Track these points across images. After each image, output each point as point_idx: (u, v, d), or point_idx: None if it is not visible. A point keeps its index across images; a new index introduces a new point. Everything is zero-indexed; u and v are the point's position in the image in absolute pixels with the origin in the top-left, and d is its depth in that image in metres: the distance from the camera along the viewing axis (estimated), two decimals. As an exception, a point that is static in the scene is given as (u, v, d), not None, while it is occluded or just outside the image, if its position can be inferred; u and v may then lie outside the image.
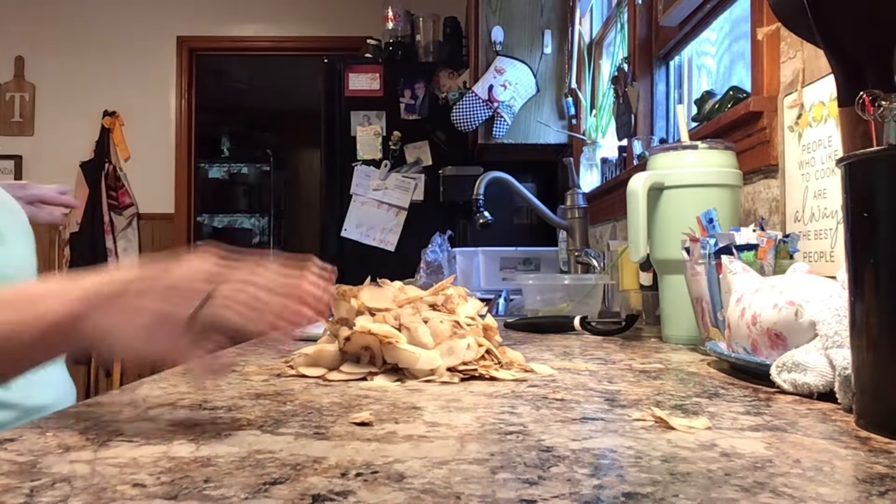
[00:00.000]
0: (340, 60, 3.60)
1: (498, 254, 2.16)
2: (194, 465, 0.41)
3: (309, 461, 0.41)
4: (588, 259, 1.79)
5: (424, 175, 3.52)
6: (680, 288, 1.02)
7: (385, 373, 0.72)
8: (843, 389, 0.56)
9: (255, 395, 0.63)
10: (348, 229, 3.51)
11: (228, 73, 6.02)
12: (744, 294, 0.77)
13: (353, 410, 0.56)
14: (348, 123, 3.54)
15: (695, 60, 2.06)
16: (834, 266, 1.00)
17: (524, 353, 0.90)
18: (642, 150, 1.97)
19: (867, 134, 0.52)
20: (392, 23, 3.74)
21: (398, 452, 0.44)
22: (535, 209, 2.03)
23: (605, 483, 0.38)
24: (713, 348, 0.82)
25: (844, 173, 0.51)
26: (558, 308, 1.43)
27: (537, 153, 3.21)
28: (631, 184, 1.08)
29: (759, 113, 1.24)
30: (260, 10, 4.65)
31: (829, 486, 0.38)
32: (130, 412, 0.55)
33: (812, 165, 1.09)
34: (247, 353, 0.93)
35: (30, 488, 0.36)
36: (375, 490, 0.36)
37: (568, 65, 2.98)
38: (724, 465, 0.41)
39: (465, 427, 0.51)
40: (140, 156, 4.47)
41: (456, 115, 2.95)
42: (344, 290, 0.79)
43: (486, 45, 3.03)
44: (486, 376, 0.73)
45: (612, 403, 0.60)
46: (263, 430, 0.49)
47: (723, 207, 1.04)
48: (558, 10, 3.04)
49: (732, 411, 0.56)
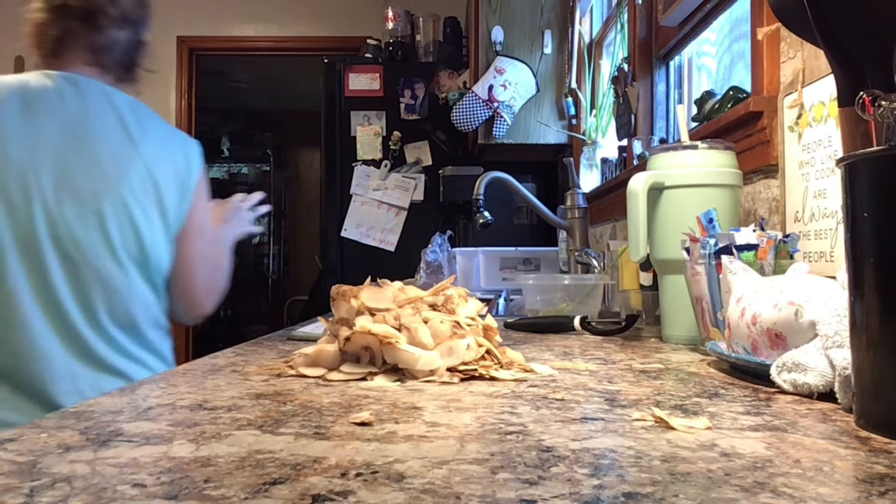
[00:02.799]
0: (340, 60, 3.61)
1: (498, 254, 2.16)
2: (194, 465, 0.41)
3: (309, 461, 0.41)
4: (588, 259, 1.79)
5: (424, 175, 3.52)
6: (680, 288, 1.02)
7: (385, 373, 0.72)
8: (843, 389, 0.56)
9: (255, 395, 0.63)
10: (348, 229, 3.51)
11: (228, 73, 6.03)
12: (744, 294, 0.77)
13: (353, 410, 0.56)
14: (348, 123, 3.54)
15: (695, 60, 2.06)
16: (834, 266, 1.00)
17: (524, 353, 0.90)
18: (642, 150, 1.98)
19: (867, 134, 0.52)
20: (392, 23, 3.74)
21: (398, 452, 0.44)
22: (535, 209, 2.03)
23: (605, 483, 0.38)
24: (713, 348, 0.82)
25: (844, 173, 0.51)
26: (558, 308, 1.43)
27: (537, 153, 3.22)
28: (631, 184, 1.08)
29: (759, 113, 1.24)
30: (260, 10, 4.65)
31: (829, 486, 0.38)
32: (130, 412, 0.55)
33: (812, 165, 1.10)
34: (247, 353, 0.93)
35: (30, 488, 0.36)
36: (375, 490, 0.36)
37: (568, 65, 2.99)
38: (724, 465, 0.41)
39: (465, 427, 0.51)
40: (140, 156, 4.46)
41: (456, 115, 2.95)
42: (344, 290, 0.79)
43: (486, 45, 3.03)
44: (486, 376, 0.73)
45: (612, 403, 0.60)
46: (263, 430, 0.49)
47: (723, 207, 1.04)
48: (558, 10, 3.04)
49: (732, 411, 0.56)
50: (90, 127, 1.22)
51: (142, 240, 1.24)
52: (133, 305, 1.23)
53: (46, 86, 1.22)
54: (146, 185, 1.24)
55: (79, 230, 1.18)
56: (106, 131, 1.23)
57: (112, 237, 1.20)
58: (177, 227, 1.30)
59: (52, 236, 1.16)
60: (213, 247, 1.39)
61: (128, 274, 1.22)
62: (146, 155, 1.25)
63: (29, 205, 1.15)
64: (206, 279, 1.37)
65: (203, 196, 1.35)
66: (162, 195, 1.26)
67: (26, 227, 1.15)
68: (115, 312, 1.21)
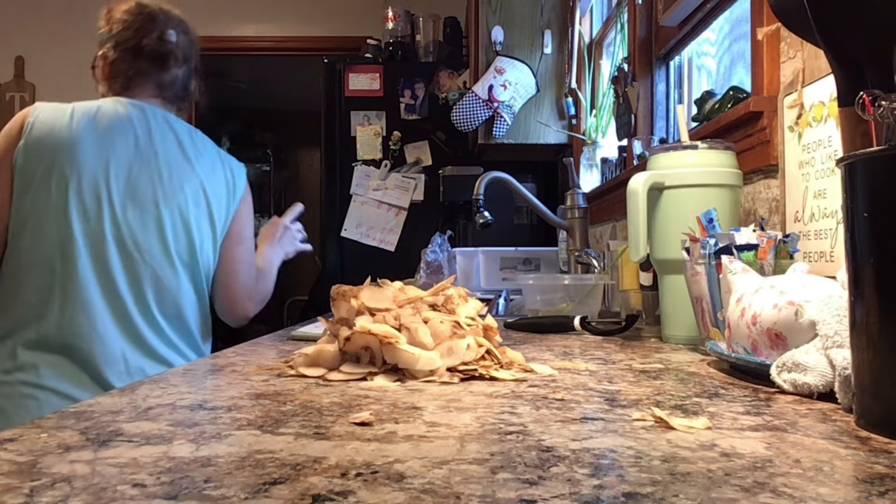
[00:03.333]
0: (340, 60, 3.60)
1: (498, 254, 2.16)
2: (194, 465, 0.41)
3: (309, 461, 0.41)
4: (588, 259, 1.78)
5: (424, 175, 3.52)
6: (680, 288, 1.02)
7: (385, 373, 0.72)
8: (843, 389, 0.56)
9: (255, 395, 0.63)
10: (348, 229, 3.51)
11: (228, 73, 6.02)
12: (744, 294, 0.77)
13: (353, 410, 0.56)
14: (348, 123, 3.54)
15: (695, 60, 2.06)
16: (834, 266, 1.00)
17: (524, 353, 0.90)
18: (642, 150, 1.98)
19: (867, 134, 0.52)
20: (392, 23, 3.74)
21: (398, 452, 0.44)
22: (535, 209, 2.03)
23: (605, 483, 0.38)
24: (713, 348, 0.82)
25: (844, 173, 0.51)
26: (558, 308, 1.43)
27: (537, 153, 3.21)
28: (631, 184, 1.08)
29: (759, 113, 1.24)
30: (260, 10, 4.65)
31: (829, 486, 0.38)
32: (130, 412, 0.55)
33: (812, 165, 1.10)
34: (247, 353, 0.93)
35: (30, 488, 0.36)
36: (375, 490, 0.36)
37: (568, 65, 2.98)
38: (724, 465, 0.41)
39: (465, 427, 0.51)
40: (140, 156, 4.46)
41: (456, 115, 2.95)
42: (344, 290, 0.79)
43: (486, 45, 3.03)
44: (486, 376, 0.73)
45: (612, 403, 0.60)
46: (263, 430, 0.49)
47: (723, 207, 1.04)
48: (558, 10, 3.04)
49: (732, 411, 0.56)
50: (154, 147, 1.43)
51: (193, 244, 1.44)
52: (181, 301, 1.43)
53: (118, 111, 1.43)
54: (199, 197, 1.46)
55: (140, 233, 1.39)
56: (167, 151, 1.44)
57: (168, 240, 1.41)
58: (222, 236, 1.51)
59: (117, 237, 1.37)
60: (252, 255, 1.60)
61: (178, 274, 1.42)
62: (200, 172, 1.47)
63: (99, 209, 1.36)
64: (246, 282, 1.56)
65: (246, 210, 1.56)
66: (211, 207, 1.47)
67: (95, 228, 1.36)
68: (164, 306, 1.41)
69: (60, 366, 1.31)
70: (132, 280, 1.38)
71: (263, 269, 1.63)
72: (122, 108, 1.44)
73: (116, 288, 1.36)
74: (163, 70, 1.50)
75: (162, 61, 1.49)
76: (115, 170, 1.38)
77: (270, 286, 1.65)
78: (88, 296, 1.34)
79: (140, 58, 1.48)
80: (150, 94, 1.50)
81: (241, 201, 1.55)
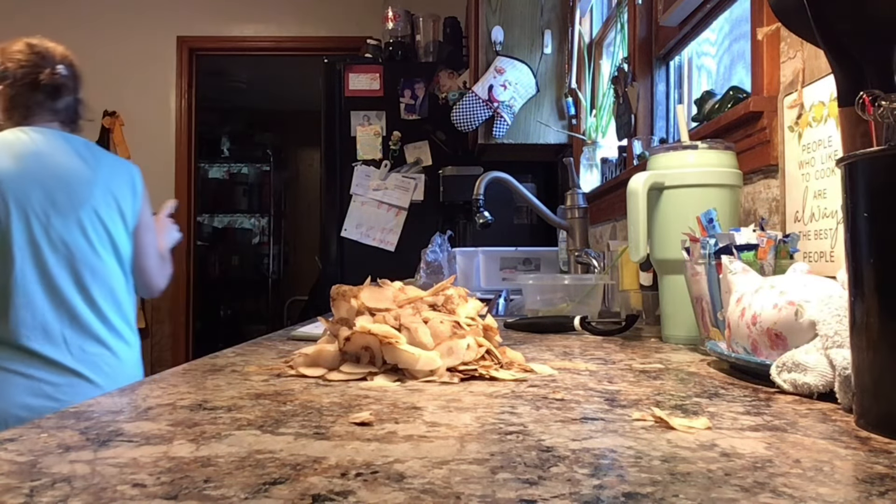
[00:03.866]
0: (340, 60, 3.60)
1: (498, 254, 2.16)
2: (194, 465, 0.41)
3: (309, 461, 0.41)
4: (588, 259, 1.79)
5: (424, 175, 3.52)
6: (680, 288, 1.02)
7: (385, 373, 0.72)
8: (843, 389, 0.56)
9: (255, 395, 0.63)
10: (348, 229, 3.51)
11: (228, 73, 6.02)
12: (744, 294, 0.77)
13: (353, 410, 0.56)
14: (348, 123, 3.54)
15: (695, 60, 2.06)
16: (834, 266, 1.00)
17: (524, 353, 0.90)
18: (642, 150, 1.98)
19: (867, 134, 0.52)
20: (392, 23, 3.74)
21: (398, 452, 0.44)
22: (535, 209, 2.03)
23: (605, 483, 0.38)
24: (713, 348, 0.82)
25: (844, 173, 0.51)
26: (558, 308, 1.43)
27: (537, 153, 3.21)
28: (631, 184, 1.08)
29: (759, 113, 1.24)
30: (260, 10, 4.65)
31: (829, 486, 0.38)
32: (130, 412, 0.55)
33: (812, 165, 1.10)
34: (247, 353, 0.93)
35: (30, 488, 0.36)
36: (375, 490, 0.36)
37: (568, 65, 2.99)
38: (724, 465, 0.41)
39: (465, 427, 0.51)
40: (140, 156, 4.45)
41: (456, 115, 2.95)
42: (344, 290, 0.79)
43: (486, 45, 3.03)
44: (486, 376, 0.73)
45: (612, 403, 0.60)
46: (263, 430, 0.49)
47: (723, 207, 1.04)
48: (558, 10, 3.04)
49: (732, 411, 0.56)
50: (58, 162, 1.70)
51: (111, 236, 1.74)
52: (113, 283, 1.73)
53: (21, 138, 1.69)
54: (107, 196, 1.74)
55: (66, 235, 1.66)
56: (71, 164, 1.71)
57: (91, 236, 1.69)
58: (132, 225, 1.81)
59: (49, 242, 1.64)
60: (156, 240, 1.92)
61: (105, 262, 1.72)
62: (102, 176, 1.75)
63: (28, 220, 1.64)
64: (155, 262, 1.89)
65: (146, 204, 1.88)
66: (120, 203, 1.77)
67: (29, 236, 1.63)
68: (101, 286, 1.70)
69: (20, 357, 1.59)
70: (71, 272, 1.65)
71: (163, 253, 1.96)
72: (26, 135, 1.69)
73: (55, 283, 1.63)
74: (57, 99, 1.75)
75: (56, 92, 1.75)
76: (34, 187, 1.64)
77: (170, 265, 2.00)
78: (30, 294, 1.61)
79: (37, 91, 1.72)
80: (48, 119, 1.74)
81: (143, 197, 1.84)
